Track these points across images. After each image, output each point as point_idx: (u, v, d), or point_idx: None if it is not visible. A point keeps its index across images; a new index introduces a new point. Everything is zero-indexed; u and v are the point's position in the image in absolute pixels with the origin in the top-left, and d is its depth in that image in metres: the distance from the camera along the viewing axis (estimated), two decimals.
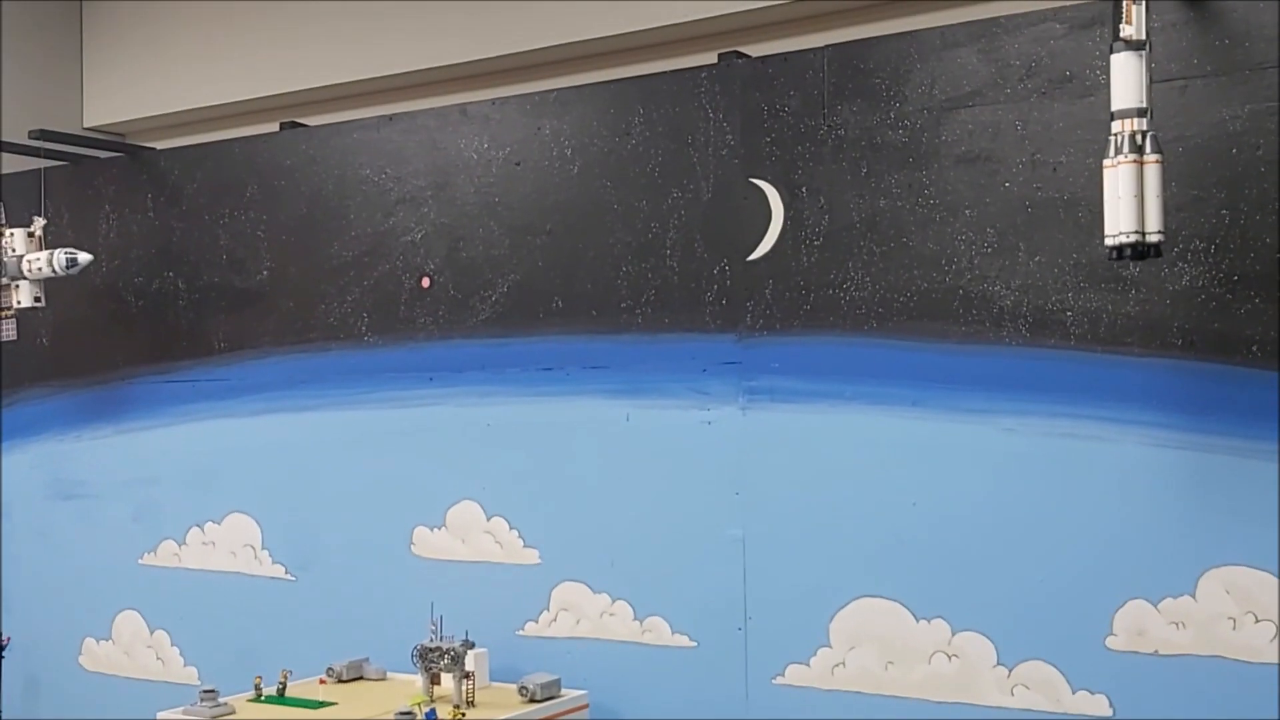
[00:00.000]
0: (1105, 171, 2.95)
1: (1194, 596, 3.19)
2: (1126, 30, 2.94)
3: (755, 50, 3.93)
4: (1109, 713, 3.27)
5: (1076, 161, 3.38)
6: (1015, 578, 3.40)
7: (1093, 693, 3.29)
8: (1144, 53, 2.94)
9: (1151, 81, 2.97)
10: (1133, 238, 2.91)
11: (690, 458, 3.87)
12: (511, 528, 4.16)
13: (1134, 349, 3.29)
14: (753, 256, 3.80)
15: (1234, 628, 3.14)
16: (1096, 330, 3.34)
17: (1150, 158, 2.93)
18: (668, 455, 3.90)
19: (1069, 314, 3.38)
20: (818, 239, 3.72)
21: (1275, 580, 3.11)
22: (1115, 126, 2.95)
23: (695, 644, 3.83)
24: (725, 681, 3.76)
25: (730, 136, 3.86)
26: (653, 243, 3.96)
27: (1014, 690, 3.37)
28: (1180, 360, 3.24)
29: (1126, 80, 2.94)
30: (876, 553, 3.58)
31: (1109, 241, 2.94)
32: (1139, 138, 2.93)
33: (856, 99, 3.68)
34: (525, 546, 4.13)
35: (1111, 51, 2.95)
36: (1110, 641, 3.27)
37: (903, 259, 3.60)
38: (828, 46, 3.74)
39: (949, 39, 3.55)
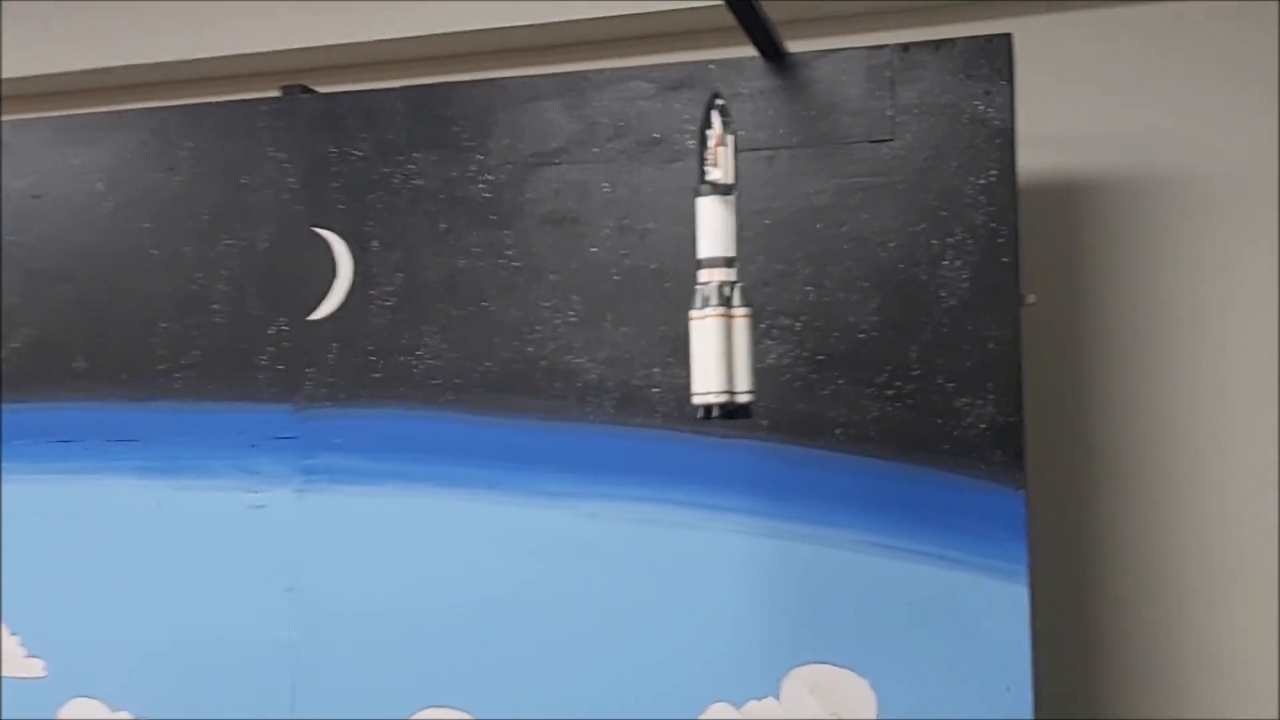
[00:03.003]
0: (692, 323, 2.71)
1: (777, 698, 3.00)
2: (714, 174, 2.71)
3: (324, 88, 3.50)
4: None
5: (664, 229, 3.17)
6: (595, 681, 3.09)
7: None
8: (732, 197, 2.72)
9: (738, 228, 2.75)
10: (722, 397, 2.68)
11: (235, 548, 3.32)
12: (12, 633, 3.44)
13: (720, 429, 3.08)
14: (315, 316, 3.35)
15: None
16: (683, 409, 3.12)
17: (739, 311, 2.71)
18: (208, 545, 3.34)
19: (655, 390, 3.15)
20: (389, 299, 3.32)
21: (858, 678, 2.96)
22: (702, 275, 2.72)
23: None
24: None
25: (292, 180, 3.40)
26: (198, 296, 3.42)
27: None
28: (766, 442, 3.07)
29: (714, 227, 2.71)
30: (445, 656, 3.18)
31: (696, 400, 2.70)
32: (727, 289, 2.72)
33: (436, 148, 3.32)
34: (28, 655, 3.42)
35: (697, 194, 2.72)
36: None
37: (483, 325, 3.26)
38: (404, 88, 3.37)
39: (534, 90, 3.27)
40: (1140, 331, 3.55)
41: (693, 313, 2.67)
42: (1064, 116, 3.60)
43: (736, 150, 2.71)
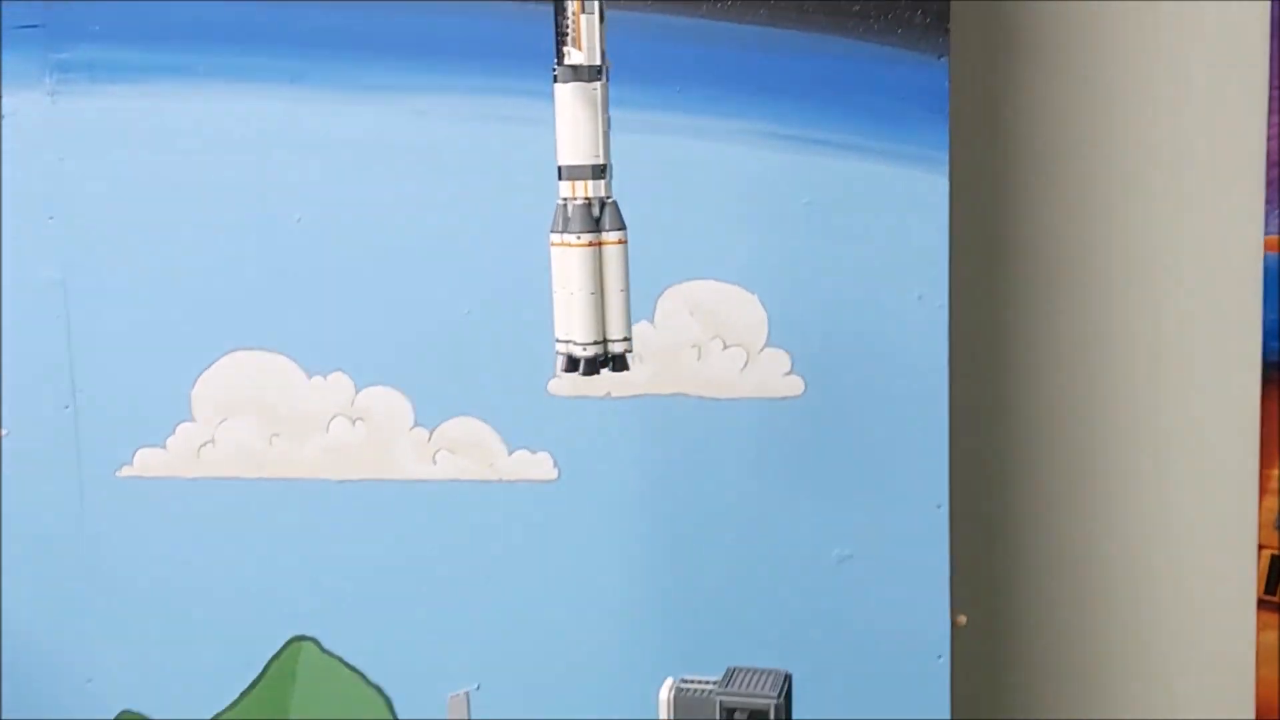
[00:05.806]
0: (552, 249, 2.12)
1: (652, 321, 2.53)
2: (574, 56, 2.02)
3: None
4: (553, 474, 2.60)
5: None
6: (433, 309, 2.60)
7: (534, 451, 2.59)
8: (599, 85, 2.06)
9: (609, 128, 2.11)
10: (591, 350, 2.10)
11: None
12: None
13: None
14: None
15: (699, 357, 2.52)
16: None
17: (611, 237, 2.13)
18: None
19: None
20: None
21: (745, 294, 2.50)
22: (564, 189, 2.10)
23: (4, 433, 2.75)
24: (52, 478, 2.73)
25: None
26: None
27: (436, 457, 2.61)
28: (631, 12, 2.46)
29: (576, 126, 2.08)
30: (252, 290, 2.64)
31: (559, 349, 2.14)
32: (596, 208, 2.09)
33: None
34: None
35: (556, 80, 2.07)
36: (554, 386, 2.56)
37: None
38: None
39: None
40: None
41: (553, 237, 2.08)
42: None
43: (603, 18, 2.02)
